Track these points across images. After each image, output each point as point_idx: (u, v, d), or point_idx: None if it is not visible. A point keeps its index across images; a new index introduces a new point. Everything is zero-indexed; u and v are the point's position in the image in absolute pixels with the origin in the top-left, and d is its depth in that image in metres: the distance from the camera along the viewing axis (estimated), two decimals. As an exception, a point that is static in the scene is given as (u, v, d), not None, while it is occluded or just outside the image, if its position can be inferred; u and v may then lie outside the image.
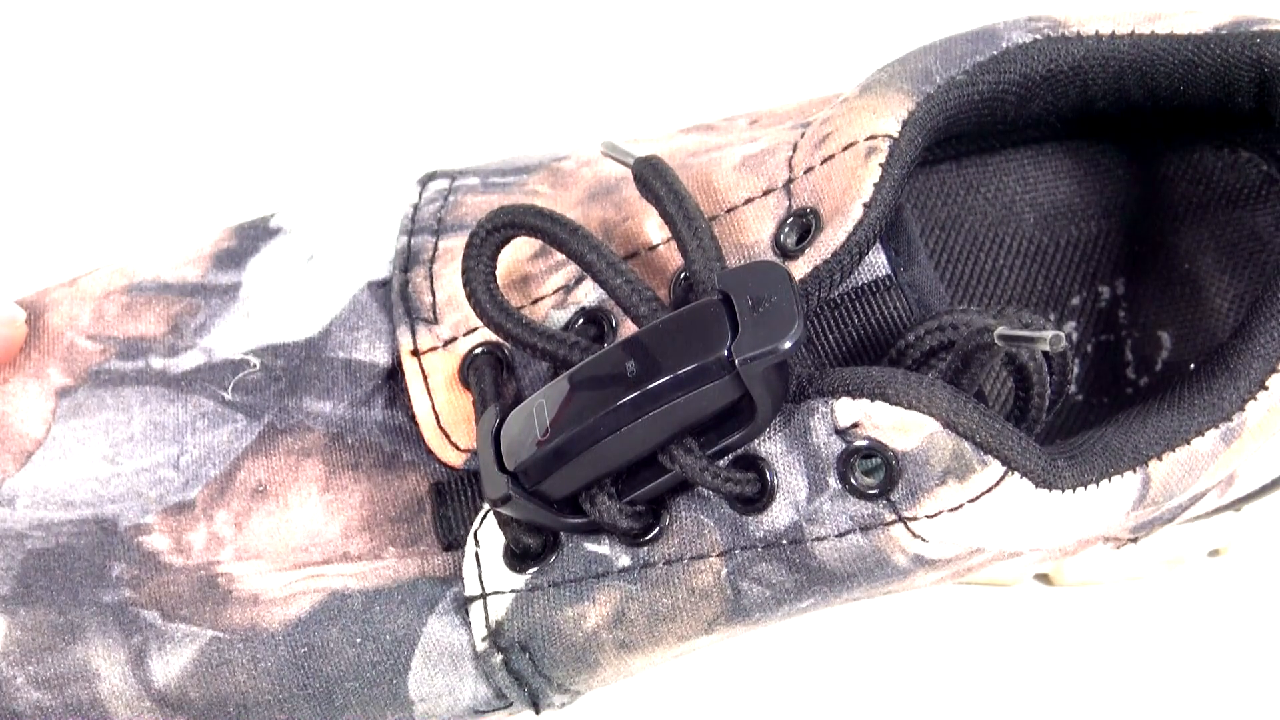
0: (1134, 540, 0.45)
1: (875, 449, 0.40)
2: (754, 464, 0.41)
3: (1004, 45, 0.44)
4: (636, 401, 0.40)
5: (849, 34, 0.62)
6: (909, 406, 0.40)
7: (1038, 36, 0.44)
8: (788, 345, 0.39)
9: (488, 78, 0.62)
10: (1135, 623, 0.53)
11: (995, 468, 0.40)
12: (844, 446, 0.41)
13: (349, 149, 0.61)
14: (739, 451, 0.41)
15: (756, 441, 0.41)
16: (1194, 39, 0.44)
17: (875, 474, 0.41)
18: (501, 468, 0.42)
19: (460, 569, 0.44)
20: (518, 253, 0.45)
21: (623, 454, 0.41)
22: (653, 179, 0.43)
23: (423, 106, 0.61)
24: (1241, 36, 0.44)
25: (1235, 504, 0.49)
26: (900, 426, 0.40)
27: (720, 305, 0.40)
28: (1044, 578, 0.53)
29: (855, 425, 0.40)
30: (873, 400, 0.40)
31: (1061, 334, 0.37)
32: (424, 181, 0.48)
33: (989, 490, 0.40)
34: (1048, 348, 0.37)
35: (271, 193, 0.59)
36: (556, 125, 0.60)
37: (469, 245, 0.43)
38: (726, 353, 0.39)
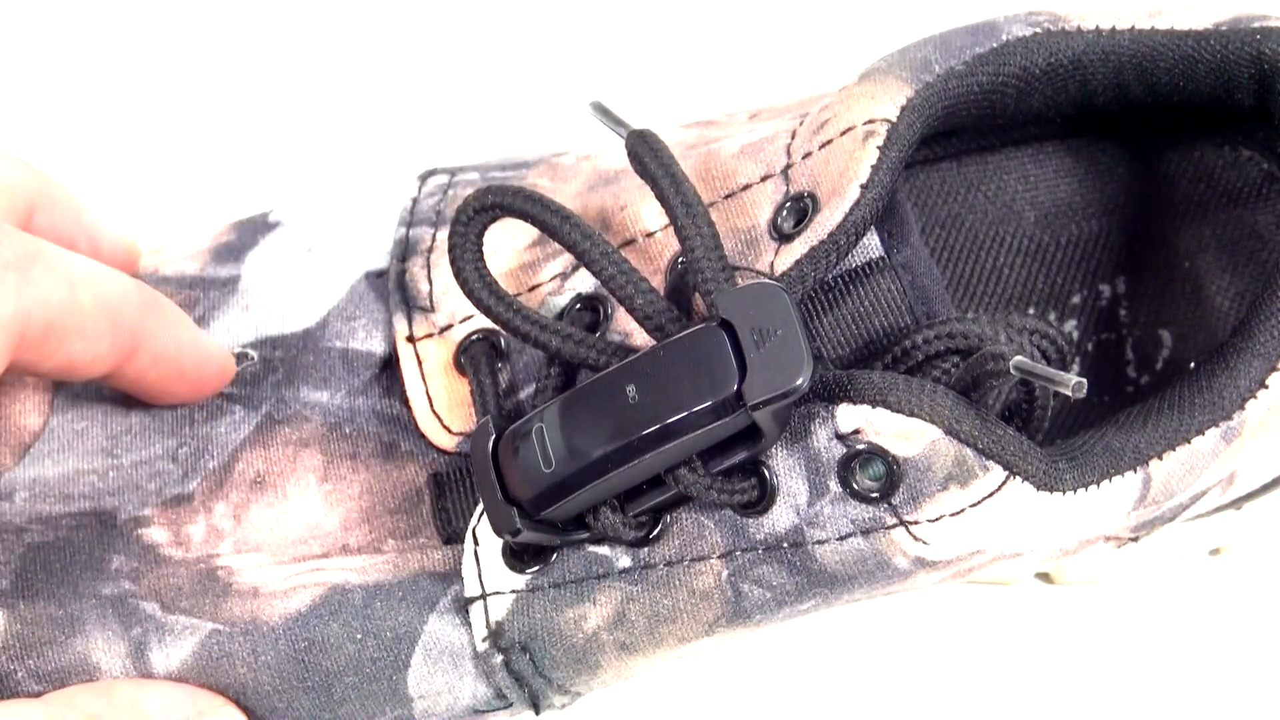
0: (1135, 539, 0.44)
1: (877, 454, 0.40)
2: (755, 468, 0.41)
3: (1004, 38, 0.44)
4: (647, 439, 0.40)
5: (849, 34, 0.62)
6: (910, 414, 0.40)
7: (1037, 30, 0.44)
8: (800, 384, 0.39)
9: (487, 78, 0.62)
10: (1135, 622, 0.53)
11: (997, 473, 0.40)
12: (845, 451, 0.40)
13: (349, 150, 0.61)
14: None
15: (757, 448, 0.41)
16: (1194, 35, 0.44)
17: (877, 478, 0.41)
18: (507, 497, 0.41)
19: (460, 564, 0.44)
20: (516, 241, 0.45)
21: (630, 480, 0.41)
22: (646, 155, 0.42)
23: (422, 107, 0.61)
24: (1241, 33, 0.44)
25: (1236, 502, 0.49)
26: (902, 433, 0.40)
27: (723, 335, 0.40)
28: (1044, 576, 0.53)
29: (856, 431, 0.40)
30: (874, 407, 0.40)
31: (1084, 381, 0.37)
32: (423, 178, 0.48)
33: (991, 495, 0.40)
34: (1069, 394, 0.37)
35: (272, 193, 0.59)
36: (556, 125, 0.60)
37: (454, 223, 0.42)
38: (736, 390, 0.39)
